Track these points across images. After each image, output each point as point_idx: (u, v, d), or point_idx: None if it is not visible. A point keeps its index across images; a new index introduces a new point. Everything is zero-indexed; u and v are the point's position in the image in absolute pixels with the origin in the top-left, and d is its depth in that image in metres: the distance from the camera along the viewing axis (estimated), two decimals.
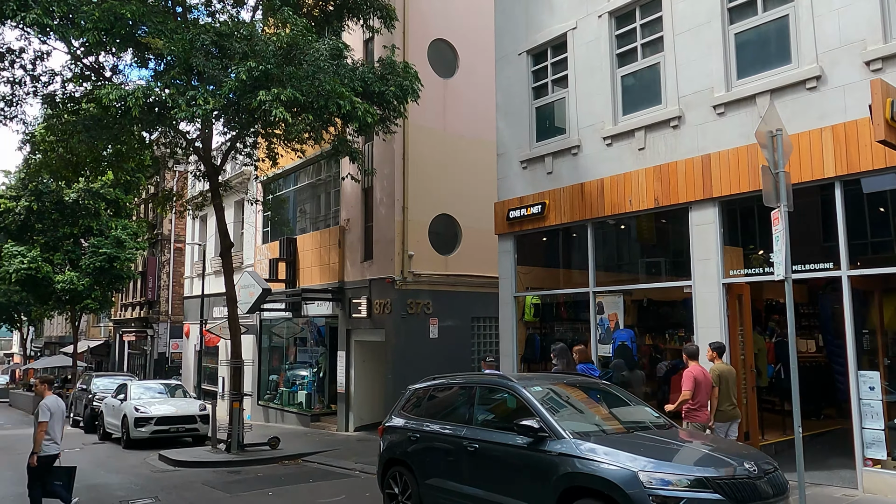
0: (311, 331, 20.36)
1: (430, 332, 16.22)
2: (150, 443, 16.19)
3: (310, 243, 19.22)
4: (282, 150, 16.17)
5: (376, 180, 16.67)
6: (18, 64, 12.65)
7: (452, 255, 17.01)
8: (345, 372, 17.32)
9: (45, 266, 27.58)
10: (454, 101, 17.21)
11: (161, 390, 18.73)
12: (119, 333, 36.58)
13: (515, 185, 12.39)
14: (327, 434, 17.09)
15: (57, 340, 50.15)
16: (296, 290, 18.63)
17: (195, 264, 27.51)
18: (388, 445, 7.54)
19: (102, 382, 22.75)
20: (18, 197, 28.19)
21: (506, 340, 12.34)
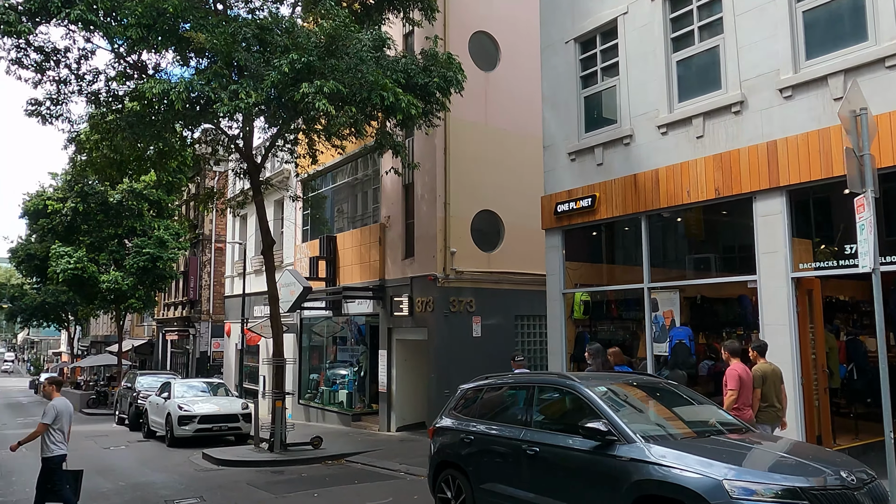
0: (351, 329, 20.20)
1: (473, 330, 15.88)
2: (193, 441, 16.20)
3: (350, 241, 19.06)
4: (322, 146, 16.00)
5: (417, 176, 16.39)
6: (64, 63, 12.71)
7: (495, 252, 16.63)
8: (386, 371, 17.09)
9: (91, 266, 28.10)
10: (496, 94, 16.83)
11: (204, 389, 18.78)
12: (162, 332, 37.12)
13: (563, 177, 11.96)
14: (369, 434, 16.88)
15: (102, 339, 51.27)
16: (336, 288, 18.47)
17: (235, 263, 27.68)
18: (440, 447, 7.21)
19: (147, 381, 23.01)
20: (65, 198, 28.80)
21: (554, 339, 11.92)
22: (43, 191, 30.25)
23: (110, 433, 20.55)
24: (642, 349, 11.36)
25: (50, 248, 28.35)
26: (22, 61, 12.31)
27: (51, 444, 8.08)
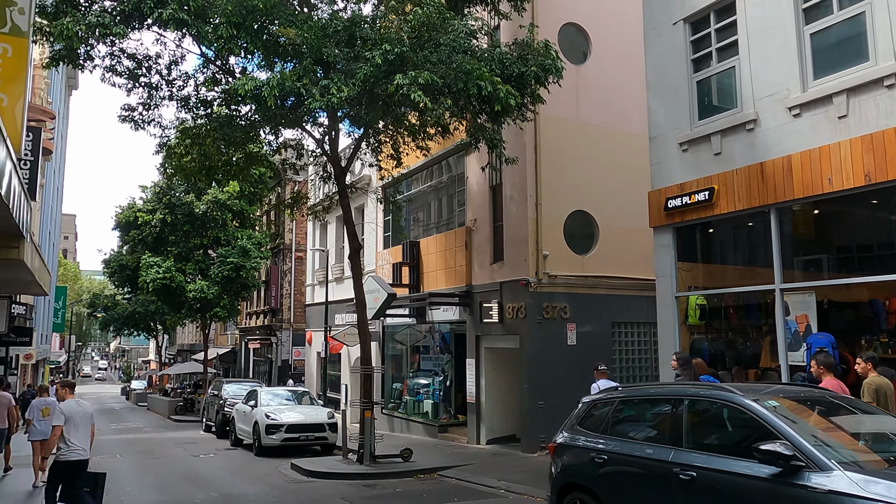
0: (435, 337, 19.61)
1: (568, 338, 14.95)
2: (280, 450, 15.95)
3: (434, 246, 18.50)
4: (407, 148, 15.52)
5: (506, 176, 15.66)
6: (155, 69, 12.75)
7: (589, 255, 15.67)
8: (474, 381, 16.37)
9: (179, 276, 28.76)
10: (587, 88, 15.93)
11: (288, 397, 18.60)
12: (244, 341, 37.77)
13: (674, 170, 10.95)
14: (457, 446, 16.17)
15: (188, 348, 52.91)
16: (421, 294, 17.93)
17: (316, 272, 27.69)
18: (564, 468, 6.39)
19: (232, 388, 23.15)
20: (154, 210, 29.68)
21: (667, 346, 10.87)
22: (133, 203, 31.31)
23: (198, 440, 20.69)
24: (765, 358, 10.22)
25: (140, 259, 29.22)
26: (116, 68, 12.41)
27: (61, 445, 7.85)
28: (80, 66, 12.10)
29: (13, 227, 7.74)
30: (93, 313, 43.44)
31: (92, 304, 46.79)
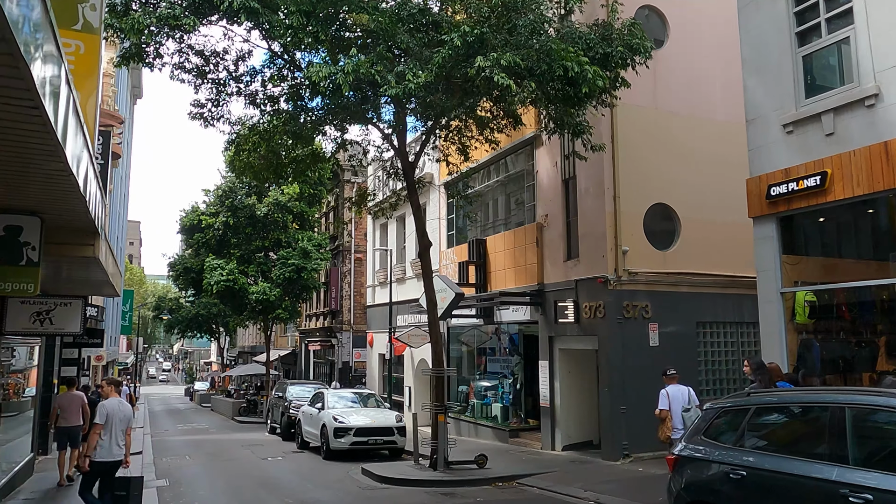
0: (502, 339, 18.95)
1: (650, 339, 14.07)
2: (348, 454, 15.58)
3: (502, 244, 17.85)
4: (475, 142, 14.95)
5: (580, 169, 14.89)
6: (222, 66, 12.56)
7: (671, 251, 14.75)
8: (548, 384, 15.63)
9: (241, 278, 28.96)
10: (665, 74, 15.00)
11: (354, 399, 18.25)
12: (305, 343, 37.90)
13: (776, 154, 10.01)
14: (531, 452, 15.46)
15: (249, 350, 53.69)
16: (490, 294, 17.29)
17: (377, 272, 27.39)
18: (690, 483, 5.65)
19: (296, 390, 23.03)
20: (217, 213, 30.02)
21: (771, 347, 9.93)
22: (196, 207, 31.75)
23: (264, 443, 20.57)
24: (881, 360, 9.19)
25: (204, 262, 29.57)
26: (184, 65, 12.26)
27: (98, 446, 7.77)
28: (149, 65, 11.98)
29: (89, 223, 7.48)
30: (158, 316, 44.45)
31: (157, 307, 47.94)
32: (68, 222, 7.51)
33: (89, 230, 7.93)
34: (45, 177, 5.56)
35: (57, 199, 6.41)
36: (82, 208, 6.89)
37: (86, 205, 6.56)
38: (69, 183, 5.83)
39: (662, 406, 9.39)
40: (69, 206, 6.83)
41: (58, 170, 5.20)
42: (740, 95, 15.20)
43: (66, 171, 5.30)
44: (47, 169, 5.20)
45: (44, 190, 6.05)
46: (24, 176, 5.50)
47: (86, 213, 6.99)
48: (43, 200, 6.46)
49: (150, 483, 12.75)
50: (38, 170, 5.31)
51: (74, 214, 7.10)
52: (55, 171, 5.32)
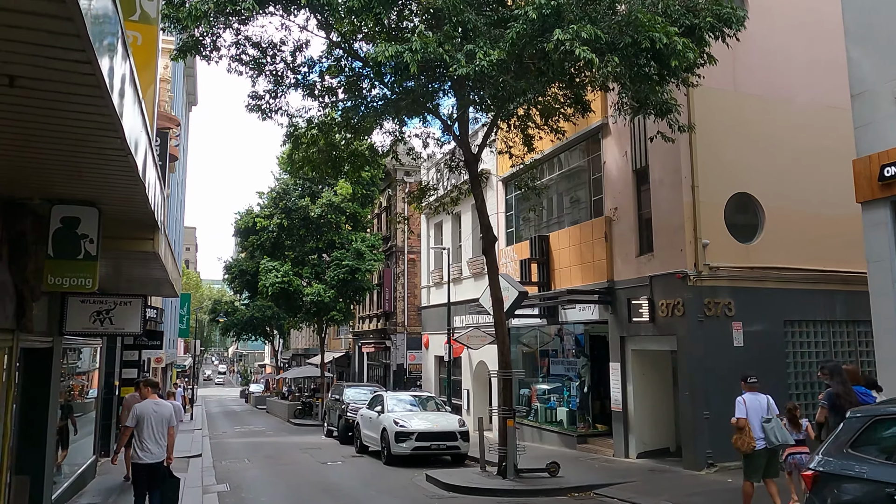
0: (567, 339, 18.09)
1: (734, 338, 13.04)
2: (410, 460, 15.00)
3: (566, 240, 17.01)
4: (540, 132, 14.19)
5: (653, 157, 13.97)
6: (280, 57, 12.18)
7: (754, 244, 13.68)
8: (620, 387, 14.72)
9: (296, 280, 28.83)
10: (744, 54, 13.89)
11: (413, 402, 17.68)
12: (358, 345, 37.66)
13: (889, 131, 8.95)
14: (603, 459, 14.57)
15: (302, 352, 53.97)
16: (555, 292, 16.47)
17: (432, 273, 26.84)
18: None
19: (352, 393, 22.64)
20: (271, 215, 30.00)
21: (887, 347, 8.87)
22: (251, 210, 31.84)
23: (322, 446, 20.20)
24: None
25: (259, 264, 29.58)
26: (241, 58, 11.93)
27: (136, 449, 7.83)
28: (206, 57, 11.69)
29: (148, 214, 7.07)
30: (215, 318, 45.04)
31: (213, 310, 48.59)
32: (126, 214, 7.11)
33: (148, 223, 7.52)
34: (101, 158, 5.09)
35: (114, 185, 5.98)
36: (140, 196, 6.45)
37: (144, 192, 6.11)
38: (126, 166, 5.36)
39: (740, 414, 8.74)
40: (127, 195, 6.39)
41: (114, 148, 4.72)
42: (825, 75, 14.14)
43: (124, 151, 4.81)
44: (103, 146, 4.72)
45: (100, 174, 5.60)
46: (78, 156, 5.05)
47: (144, 203, 6.56)
48: (100, 187, 6.03)
49: (211, 488, 12.44)
50: (93, 148, 4.84)
51: (133, 204, 6.67)
52: (111, 151, 4.84)
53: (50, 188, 6.17)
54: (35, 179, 5.84)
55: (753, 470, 8.57)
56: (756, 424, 8.53)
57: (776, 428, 8.43)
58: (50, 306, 9.02)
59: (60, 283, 6.38)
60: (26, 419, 8.50)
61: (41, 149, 5.02)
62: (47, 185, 6.08)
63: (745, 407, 8.67)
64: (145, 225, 7.71)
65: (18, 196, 6.31)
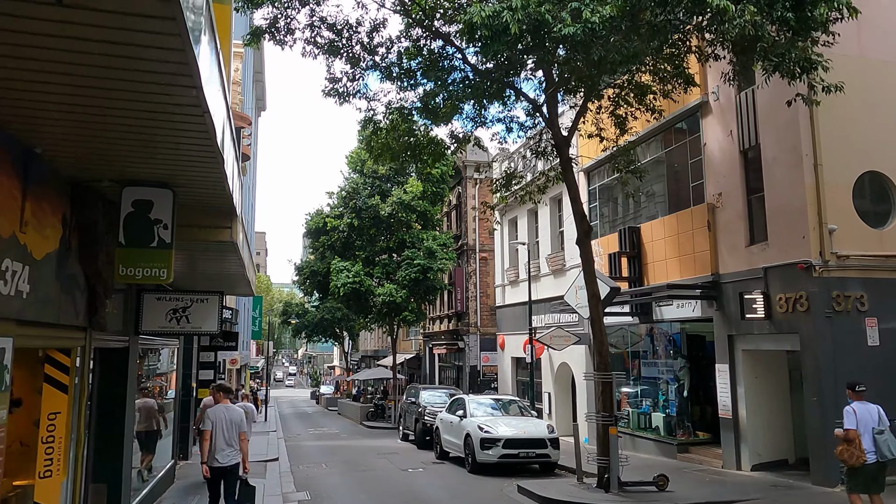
0: (660, 338, 16.70)
1: (868, 336, 11.46)
2: (496, 468, 14.02)
3: (660, 231, 15.66)
4: (634, 110, 12.97)
5: (765, 135, 12.53)
6: (356, 39, 11.45)
7: (888, 229, 12.05)
8: (728, 391, 13.29)
9: (367, 280, 28.33)
10: (871, 15, 12.26)
11: (494, 406, 16.69)
12: (429, 346, 36.96)
13: None
14: (712, 471, 13.17)
15: (371, 354, 53.81)
16: (653, 287, 15.13)
17: (507, 271, 25.80)
18: None
19: (428, 395, 21.85)
20: (341, 215, 29.63)
21: None
22: (321, 210, 31.60)
23: (399, 451, 19.46)
24: None
25: (330, 264, 29.25)
26: (316, 40, 11.26)
27: (213, 451, 7.89)
28: (280, 42, 11.11)
29: (225, 198, 6.36)
30: (287, 320, 45.31)
31: (285, 312, 48.97)
32: (202, 198, 6.41)
33: (225, 209, 6.82)
34: (176, 125, 4.34)
35: (190, 161, 5.24)
36: (217, 176, 5.72)
37: (222, 168, 5.36)
38: (204, 137, 4.61)
39: (850, 425, 7.89)
40: (203, 175, 5.67)
41: (191, 104, 3.95)
42: None
43: (201, 109, 4.03)
44: (178, 101, 3.95)
45: (174, 146, 4.87)
46: (152, 120, 4.30)
47: (221, 183, 5.83)
48: (175, 164, 5.31)
49: (291, 496, 11.81)
50: (167, 108, 4.08)
51: (209, 185, 5.95)
52: (187, 110, 4.07)
53: (120, 167, 5.50)
54: (105, 157, 5.17)
55: (860, 483, 7.95)
56: (867, 436, 7.85)
57: (889, 441, 7.77)
58: (125, 304, 8.49)
59: (133, 273, 5.71)
60: (102, 424, 7.98)
61: (111, 115, 4.32)
62: (117, 163, 5.41)
63: (856, 418, 7.93)
64: (222, 212, 7.02)
65: (87, 178, 5.67)
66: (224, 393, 8.46)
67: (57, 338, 5.78)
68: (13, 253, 4.54)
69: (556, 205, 22.19)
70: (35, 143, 4.74)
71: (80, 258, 6.02)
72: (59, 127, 4.49)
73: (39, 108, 4.18)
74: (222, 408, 8.13)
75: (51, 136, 4.65)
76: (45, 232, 5.15)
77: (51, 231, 5.28)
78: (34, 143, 4.73)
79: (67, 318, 5.83)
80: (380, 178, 30.16)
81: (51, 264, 5.32)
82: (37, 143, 4.74)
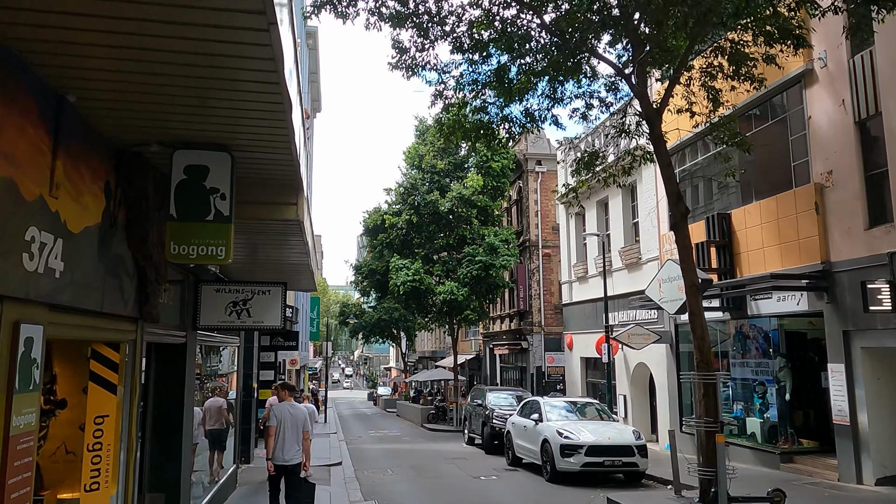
0: (754, 335, 15.16)
1: None
2: (578, 477, 12.84)
3: (755, 216, 14.16)
4: (730, 81, 11.60)
5: (887, 100, 10.97)
6: (423, 8, 10.50)
7: None
8: (846, 394, 11.74)
9: (427, 278, 27.47)
10: None
11: (569, 409, 15.48)
12: (489, 347, 35.84)
13: None
14: (826, 485, 11.65)
15: (429, 355, 53.03)
16: (752, 277, 13.62)
17: (574, 267, 24.48)
18: None
19: (495, 397, 20.79)
20: (400, 212, 28.85)
21: None
22: (379, 207, 30.92)
23: (467, 455, 18.44)
24: None
25: (389, 263, 28.52)
26: (380, 11, 10.34)
27: (276, 449, 7.90)
28: (342, 15, 10.22)
29: (290, 167, 5.46)
30: (345, 321, 44.96)
31: (342, 313, 48.66)
32: (263, 167, 5.52)
33: (289, 180, 5.92)
34: (238, 49, 3.42)
35: (251, 114, 4.34)
36: (284, 138, 4.81)
37: (289, 121, 4.44)
38: (271, 83, 3.70)
39: None
40: (267, 135, 4.76)
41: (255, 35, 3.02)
42: None
43: (266, 19, 3.09)
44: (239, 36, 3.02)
45: (234, 93, 3.96)
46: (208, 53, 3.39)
47: (287, 144, 4.91)
48: (233, 117, 4.41)
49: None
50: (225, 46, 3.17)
51: (273, 148, 5.04)
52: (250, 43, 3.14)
53: (170, 127, 4.64)
54: (150, 109, 4.31)
55: None
56: None
57: None
58: (182, 296, 7.72)
59: (186, 252, 4.86)
60: (158, 428, 7.21)
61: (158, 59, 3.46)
62: (167, 122, 4.55)
63: None
64: (286, 185, 6.12)
65: (132, 141, 4.84)
66: (288, 391, 8.44)
67: (102, 329, 4.96)
68: (41, 221, 3.70)
69: (629, 194, 20.80)
70: (68, 90, 3.91)
71: (129, 237, 5.21)
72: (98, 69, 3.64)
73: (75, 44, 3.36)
74: (287, 405, 8.14)
75: (87, 81, 3.81)
76: (84, 200, 4.33)
77: (91, 201, 4.46)
78: (66, 90, 3.90)
79: (114, 306, 5.02)
80: (438, 173, 29.27)
81: (92, 241, 4.50)
82: (70, 89, 3.91)
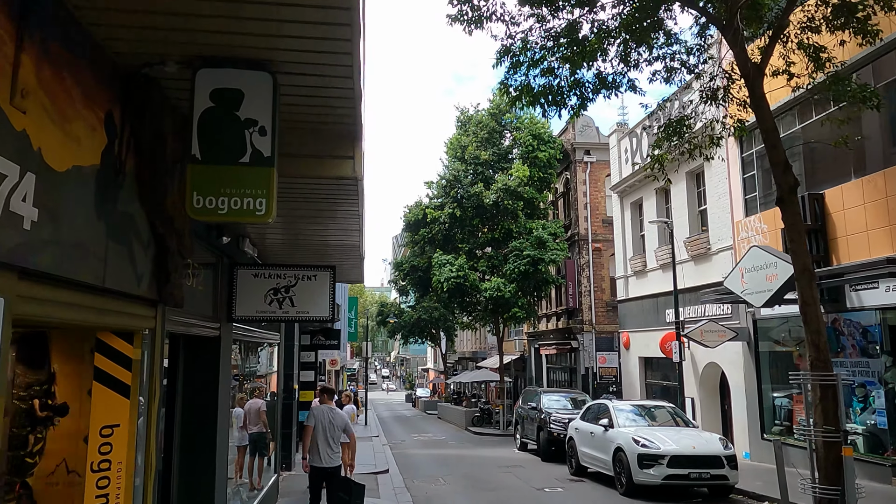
0: (851, 331, 13.44)
1: None
2: (658, 491, 11.35)
3: (856, 196, 12.48)
4: (837, 35, 10.01)
5: None
6: None
7: None
8: None
9: (472, 274, 26.16)
10: None
11: (638, 413, 14.00)
12: (535, 347, 34.31)
13: None
14: None
15: (469, 355, 51.66)
16: (855, 264, 11.95)
17: (630, 260, 22.87)
18: None
19: (549, 400, 19.36)
20: (442, 206, 27.63)
21: None
22: (420, 201, 29.73)
23: (522, 463, 17.04)
24: None
25: (431, 259, 27.28)
26: None
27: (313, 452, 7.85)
28: None
29: (348, 108, 4.19)
30: (384, 320, 43.96)
31: (381, 313, 47.69)
32: (313, 101, 4.26)
33: (348, 122, 4.61)
34: None
35: (302, 21, 3.08)
36: (344, 54, 3.53)
37: (355, 42, 3.15)
38: None
39: None
40: (321, 50, 3.50)
41: None
42: None
43: None
44: None
45: None
46: None
47: (348, 71, 3.62)
48: (276, 25, 3.15)
49: None
50: None
51: (328, 74, 3.77)
52: None
53: (192, 32, 3.40)
54: (166, 16, 3.08)
55: None
56: None
57: None
58: (215, 281, 6.53)
59: (214, 205, 3.59)
60: (187, 439, 6.02)
61: None
62: (186, 25, 3.31)
63: None
64: (340, 135, 4.84)
65: (140, 57, 3.60)
66: (327, 395, 8.41)
67: (106, 312, 3.74)
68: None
69: (693, 180, 19.17)
70: None
71: (140, 191, 3.99)
72: None
73: None
74: (326, 408, 8.07)
75: None
76: (72, 130, 3.10)
77: (83, 132, 3.23)
78: None
79: (122, 282, 3.80)
80: (482, 164, 27.91)
81: (86, 187, 3.27)
82: None
